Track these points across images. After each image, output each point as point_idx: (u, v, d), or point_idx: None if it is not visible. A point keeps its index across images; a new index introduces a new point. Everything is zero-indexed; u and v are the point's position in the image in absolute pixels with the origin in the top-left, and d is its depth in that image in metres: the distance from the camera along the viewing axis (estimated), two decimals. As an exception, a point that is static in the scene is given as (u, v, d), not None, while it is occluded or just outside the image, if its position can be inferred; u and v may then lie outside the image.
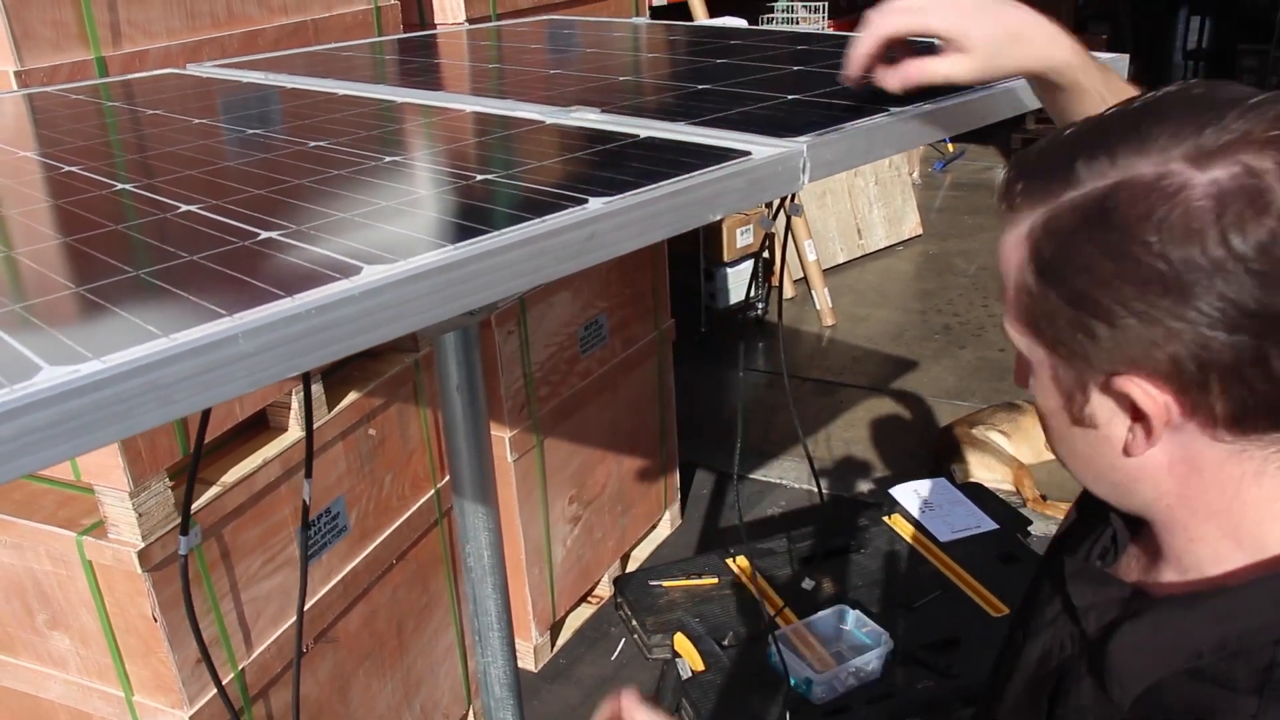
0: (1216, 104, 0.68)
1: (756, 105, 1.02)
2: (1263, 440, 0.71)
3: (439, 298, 0.58)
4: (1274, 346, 0.66)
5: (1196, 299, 0.66)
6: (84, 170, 0.93)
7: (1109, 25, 9.29)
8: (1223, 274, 0.65)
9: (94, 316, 0.56)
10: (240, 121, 1.13)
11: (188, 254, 0.65)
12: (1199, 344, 0.67)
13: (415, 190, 0.78)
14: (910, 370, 4.50)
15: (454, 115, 1.08)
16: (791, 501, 3.65)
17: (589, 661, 2.96)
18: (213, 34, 1.80)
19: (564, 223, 0.65)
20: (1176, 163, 0.66)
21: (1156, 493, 0.76)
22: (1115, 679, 0.75)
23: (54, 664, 1.84)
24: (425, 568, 2.39)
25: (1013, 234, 0.74)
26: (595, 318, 2.86)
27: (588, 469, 2.98)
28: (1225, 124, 0.66)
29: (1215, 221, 0.64)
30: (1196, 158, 0.66)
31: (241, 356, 0.52)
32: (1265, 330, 0.65)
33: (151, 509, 1.63)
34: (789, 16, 6.11)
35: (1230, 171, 0.65)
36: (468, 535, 1.29)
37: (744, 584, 2.38)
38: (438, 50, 1.72)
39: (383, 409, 2.18)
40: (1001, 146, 7.79)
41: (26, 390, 0.47)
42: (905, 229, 5.96)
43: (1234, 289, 0.65)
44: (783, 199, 1.01)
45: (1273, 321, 0.65)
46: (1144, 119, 0.69)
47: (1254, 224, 0.64)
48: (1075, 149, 0.71)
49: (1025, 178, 0.74)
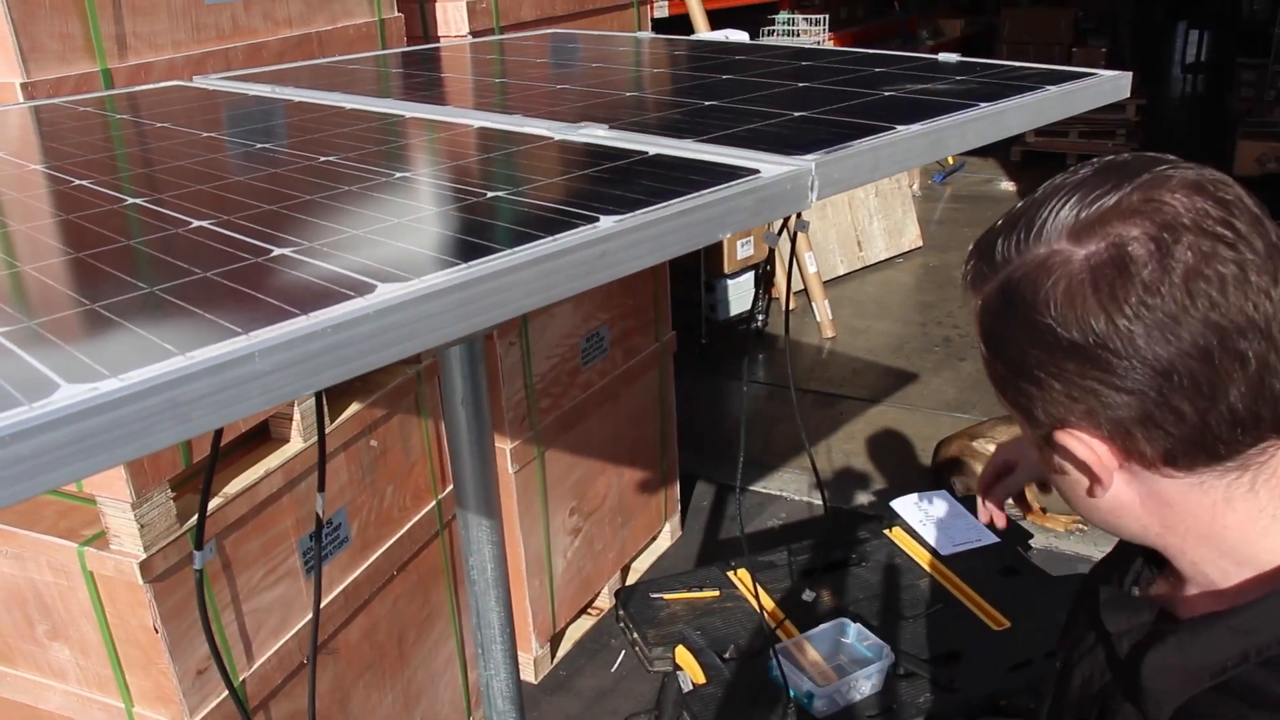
0: (1108, 180, 0.76)
1: (763, 122, 1.02)
2: (1213, 470, 0.77)
3: (453, 316, 0.59)
4: (1174, 394, 0.73)
5: (1093, 362, 0.74)
6: (94, 184, 0.93)
7: (1108, 39, 9.32)
8: (1109, 338, 0.73)
9: (109, 333, 0.57)
10: (248, 135, 1.13)
11: (201, 270, 0.66)
12: (1107, 400, 0.75)
13: (425, 207, 0.78)
14: (910, 382, 4.51)
15: (461, 130, 1.09)
16: (791, 513, 3.66)
17: (589, 673, 2.96)
18: (218, 46, 1.81)
19: (576, 241, 0.65)
20: (1060, 242, 0.76)
21: (1141, 525, 0.82)
22: (1151, 700, 0.79)
23: (54, 675, 1.83)
24: (426, 579, 2.39)
25: (972, 311, 0.85)
26: (597, 329, 2.87)
27: (588, 480, 2.98)
28: (1103, 199, 0.75)
29: (1093, 293, 0.73)
30: (1076, 234, 0.75)
31: (258, 375, 0.52)
32: (1160, 382, 0.73)
33: (154, 520, 1.63)
34: (790, 30, 6.13)
35: (1102, 244, 0.74)
36: (471, 549, 1.29)
37: (745, 597, 2.38)
38: (443, 64, 1.73)
39: (384, 420, 2.18)
40: (1001, 159, 7.82)
41: (45, 409, 0.47)
42: (905, 241, 5.97)
43: (1121, 350, 0.73)
44: (788, 215, 1.01)
45: (1164, 374, 0.72)
46: (1044, 203, 0.78)
47: (1125, 290, 0.72)
48: (997, 238, 0.81)
49: (967, 263, 0.85)
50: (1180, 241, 0.72)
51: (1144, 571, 0.93)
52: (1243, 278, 0.71)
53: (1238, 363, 0.72)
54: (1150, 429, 0.75)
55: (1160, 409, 0.74)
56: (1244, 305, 0.71)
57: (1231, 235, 0.72)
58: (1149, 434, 0.75)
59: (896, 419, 4.20)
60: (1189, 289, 0.71)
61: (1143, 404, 0.74)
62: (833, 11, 6.64)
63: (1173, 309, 0.71)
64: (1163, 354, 0.72)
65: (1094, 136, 7.53)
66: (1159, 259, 0.72)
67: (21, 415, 0.47)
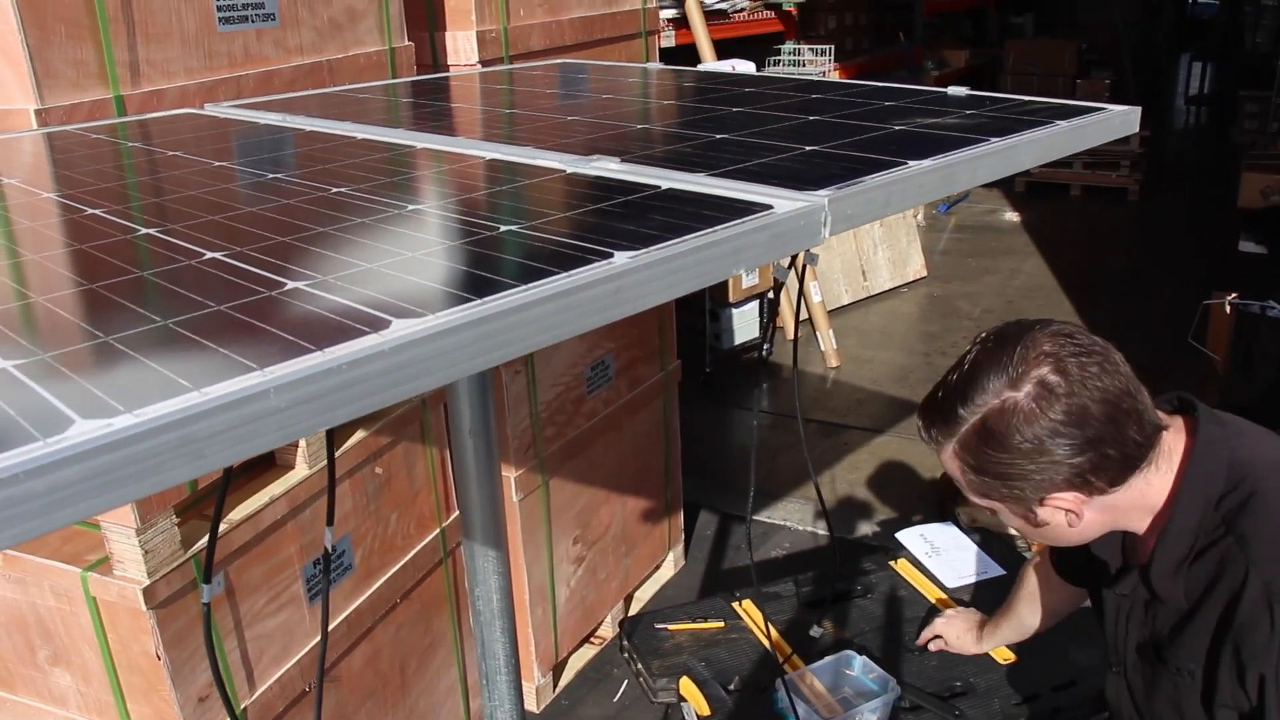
0: (1008, 348, 1.24)
1: (774, 156, 1.02)
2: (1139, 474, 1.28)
3: (468, 352, 0.59)
4: (1102, 446, 1.22)
5: (1053, 451, 1.22)
6: (106, 214, 0.94)
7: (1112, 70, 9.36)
8: (1057, 435, 1.21)
9: (123, 367, 0.57)
10: (260, 165, 1.14)
11: (214, 303, 0.66)
12: (1070, 468, 1.23)
13: (438, 240, 0.78)
14: (914, 412, 4.50)
15: (473, 162, 1.09)
16: (795, 543, 3.64)
17: (591, 703, 2.94)
18: (229, 74, 1.81)
19: (591, 278, 0.65)
20: (1005, 391, 1.22)
21: (1103, 526, 1.34)
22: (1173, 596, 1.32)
23: (54, 701, 1.82)
24: (429, 607, 2.38)
25: (944, 454, 1.31)
26: (602, 358, 2.87)
27: (592, 509, 2.97)
28: (1016, 360, 1.23)
29: (1040, 413, 1.21)
30: (1014, 383, 1.22)
31: (273, 411, 0.52)
32: (1093, 444, 1.22)
33: (158, 546, 1.63)
34: (796, 60, 6.16)
35: (1032, 384, 1.22)
36: (477, 579, 1.29)
37: (750, 628, 2.37)
38: (453, 93, 1.74)
39: (389, 447, 2.17)
40: (1005, 190, 7.83)
41: (60, 445, 0.47)
42: (910, 271, 5.98)
43: (1065, 438, 1.21)
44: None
45: (1093, 440, 1.22)
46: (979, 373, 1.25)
47: (1055, 404, 1.20)
48: (954, 401, 1.26)
49: (932, 427, 1.31)
50: (1067, 367, 1.21)
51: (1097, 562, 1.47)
52: (1105, 367, 1.22)
53: (1125, 413, 1.23)
54: (1098, 473, 1.24)
55: (1099, 459, 1.23)
56: (1113, 382, 1.22)
57: (1088, 351, 1.23)
58: (1098, 475, 1.24)
59: (900, 449, 4.19)
60: (1086, 387, 1.21)
61: (1088, 460, 1.22)
62: (838, 43, 6.67)
63: (1084, 402, 1.21)
64: (1090, 429, 1.21)
65: (1098, 167, 7.56)
66: (1064, 380, 1.21)
67: (37, 451, 0.47)
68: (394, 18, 2.15)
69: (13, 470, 0.45)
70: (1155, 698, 1.41)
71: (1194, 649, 1.30)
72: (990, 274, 6.17)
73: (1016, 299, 5.75)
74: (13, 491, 0.45)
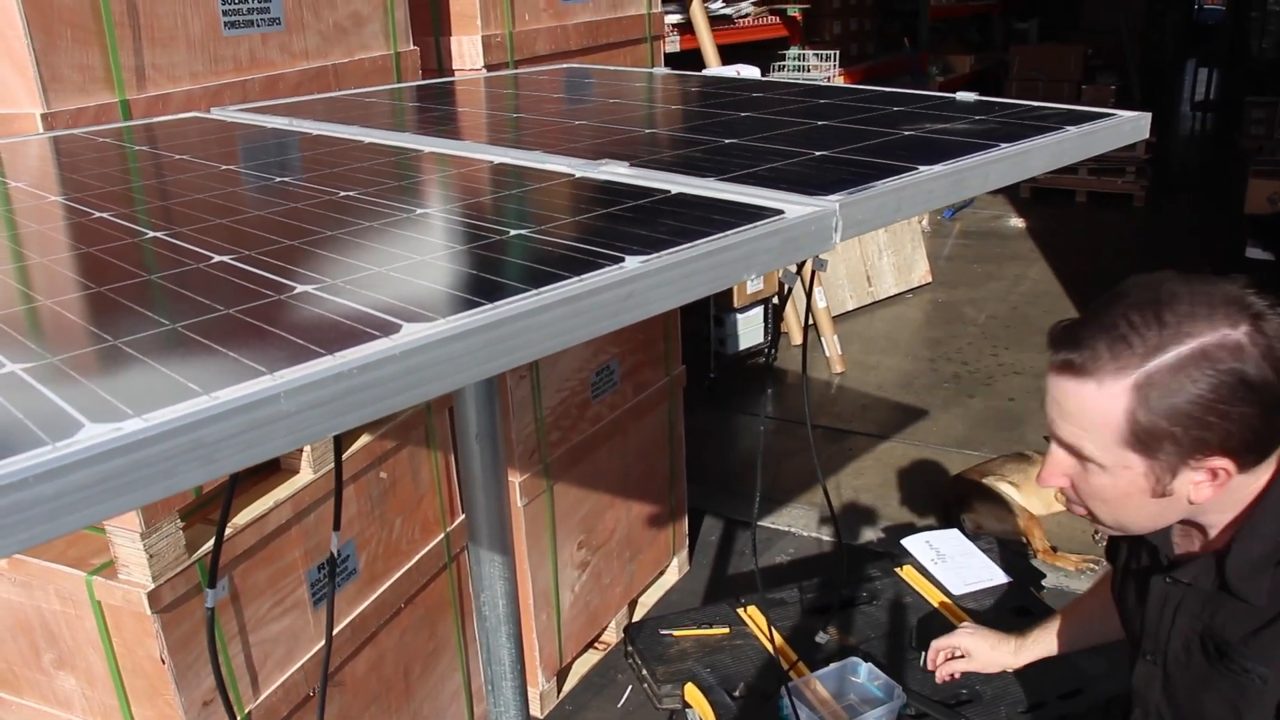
0: (1208, 287, 1.15)
1: (784, 161, 1.02)
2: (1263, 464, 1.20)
3: (479, 357, 0.58)
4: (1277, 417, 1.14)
5: (1255, 403, 1.11)
6: (113, 216, 0.93)
7: (1117, 76, 9.35)
8: (1268, 386, 1.11)
9: (132, 370, 0.56)
10: (267, 168, 1.14)
11: (223, 307, 0.65)
12: (1252, 429, 1.13)
13: (447, 244, 0.78)
14: (919, 419, 4.49)
15: (481, 166, 1.09)
16: (800, 549, 3.63)
17: (595, 708, 2.93)
18: (235, 78, 1.81)
19: (602, 282, 0.64)
20: (1223, 328, 1.11)
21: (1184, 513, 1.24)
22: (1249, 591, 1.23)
23: (59, 704, 1.82)
24: (433, 612, 2.37)
25: (1109, 387, 1.15)
26: (607, 363, 2.86)
27: (597, 514, 2.97)
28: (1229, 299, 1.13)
29: (1261, 358, 1.10)
30: (1231, 321, 1.11)
31: (284, 415, 0.51)
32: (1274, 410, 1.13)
33: (162, 550, 1.62)
34: (800, 65, 6.16)
35: (1249, 325, 1.11)
36: (483, 584, 1.28)
37: (755, 634, 2.36)
38: (459, 98, 1.74)
39: (394, 452, 2.17)
40: (1010, 195, 7.83)
41: (69, 449, 0.47)
42: (915, 277, 5.97)
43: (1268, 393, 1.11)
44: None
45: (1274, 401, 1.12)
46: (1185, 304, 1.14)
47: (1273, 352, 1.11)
48: (1153, 328, 1.13)
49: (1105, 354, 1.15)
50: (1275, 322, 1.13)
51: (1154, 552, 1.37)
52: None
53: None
54: (1262, 445, 1.16)
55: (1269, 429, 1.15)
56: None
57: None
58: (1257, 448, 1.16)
59: (905, 455, 4.18)
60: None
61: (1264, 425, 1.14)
62: (843, 48, 6.67)
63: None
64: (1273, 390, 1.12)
65: (1104, 173, 7.55)
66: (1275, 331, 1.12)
67: (45, 455, 0.46)
68: (399, 22, 2.15)
69: (22, 475, 0.45)
70: (1207, 695, 1.33)
71: (1270, 654, 1.23)
72: (995, 280, 6.16)
73: (1021, 305, 5.74)
74: (21, 496, 0.45)
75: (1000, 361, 5.02)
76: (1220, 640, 1.29)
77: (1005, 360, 5.04)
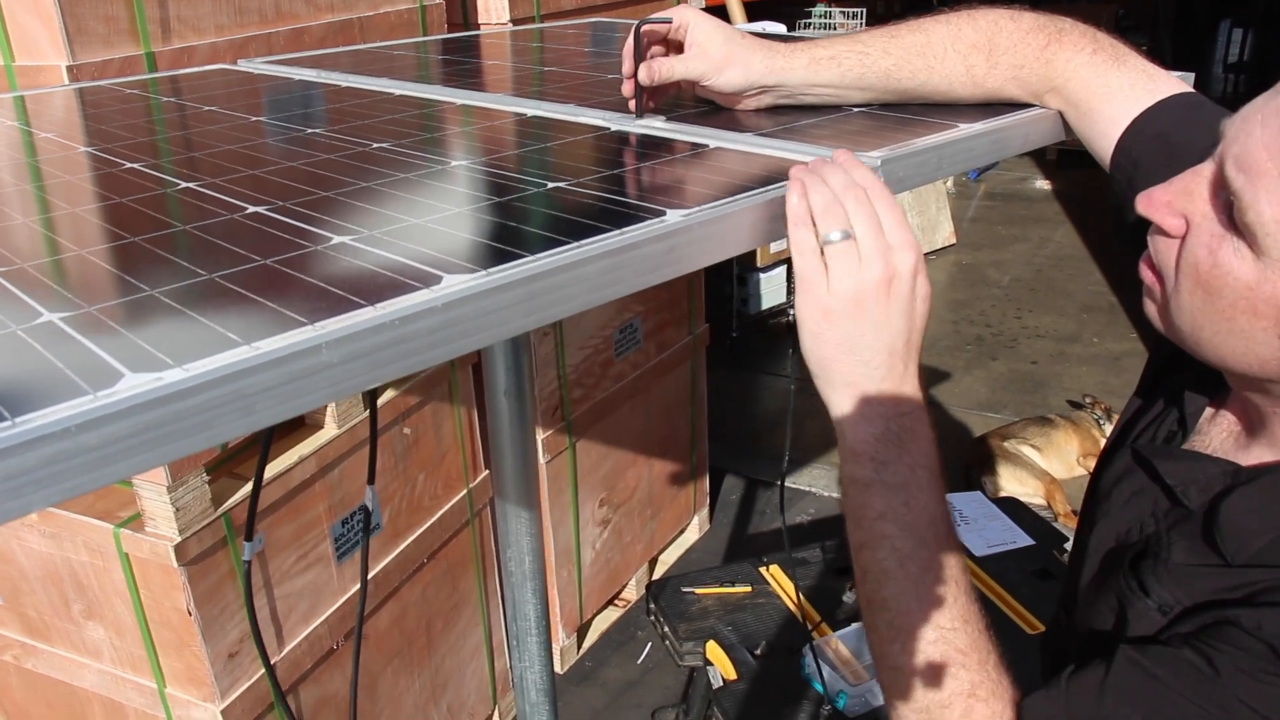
0: None
1: (821, 116, 1.00)
2: None
3: (521, 309, 0.57)
4: None
5: None
6: (145, 168, 0.93)
7: (1148, 36, 9.20)
8: None
9: (171, 321, 0.56)
10: (297, 120, 1.12)
11: (260, 257, 0.65)
12: None
13: (484, 196, 0.77)
14: (942, 381, 4.47)
15: (514, 119, 1.07)
16: (821, 509, 3.63)
17: (615, 665, 2.95)
18: (260, 31, 1.80)
19: (644, 235, 0.63)
20: None
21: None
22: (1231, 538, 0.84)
23: (89, 653, 1.84)
24: (455, 567, 2.38)
25: None
26: (630, 321, 2.85)
27: (618, 472, 2.97)
28: None
29: None
30: None
31: (324, 367, 0.51)
32: None
33: (189, 504, 1.63)
34: (826, 23, 6.08)
35: None
36: (509, 540, 1.28)
37: (777, 593, 2.36)
38: (486, 51, 1.72)
39: (418, 408, 2.17)
40: (1036, 157, 7.73)
41: (110, 399, 0.46)
42: (939, 238, 5.92)
43: None
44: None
45: None
46: None
47: None
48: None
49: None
50: None
51: (1178, 429, 0.97)
52: None
53: None
54: None
55: None
56: None
57: None
58: None
59: (927, 417, 4.17)
60: None
61: None
62: (870, 5, 6.58)
63: None
64: None
65: (1131, 135, 7.44)
66: None
67: (86, 405, 0.46)
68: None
69: (63, 424, 0.44)
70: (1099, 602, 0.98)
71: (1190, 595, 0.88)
72: (1020, 242, 6.11)
73: (1046, 268, 5.69)
74: (64, 445, 0.44)
75: (1024, 324, 4.98)
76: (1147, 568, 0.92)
77: (1029, 323, 5.00)
